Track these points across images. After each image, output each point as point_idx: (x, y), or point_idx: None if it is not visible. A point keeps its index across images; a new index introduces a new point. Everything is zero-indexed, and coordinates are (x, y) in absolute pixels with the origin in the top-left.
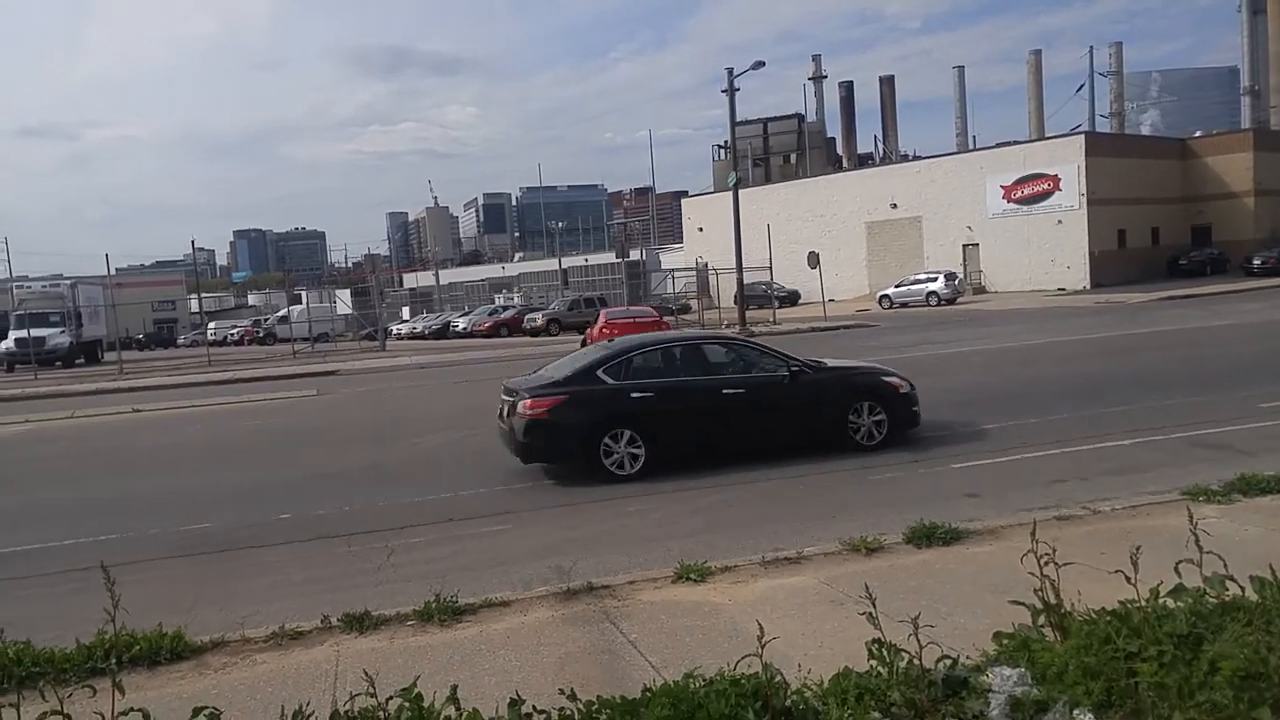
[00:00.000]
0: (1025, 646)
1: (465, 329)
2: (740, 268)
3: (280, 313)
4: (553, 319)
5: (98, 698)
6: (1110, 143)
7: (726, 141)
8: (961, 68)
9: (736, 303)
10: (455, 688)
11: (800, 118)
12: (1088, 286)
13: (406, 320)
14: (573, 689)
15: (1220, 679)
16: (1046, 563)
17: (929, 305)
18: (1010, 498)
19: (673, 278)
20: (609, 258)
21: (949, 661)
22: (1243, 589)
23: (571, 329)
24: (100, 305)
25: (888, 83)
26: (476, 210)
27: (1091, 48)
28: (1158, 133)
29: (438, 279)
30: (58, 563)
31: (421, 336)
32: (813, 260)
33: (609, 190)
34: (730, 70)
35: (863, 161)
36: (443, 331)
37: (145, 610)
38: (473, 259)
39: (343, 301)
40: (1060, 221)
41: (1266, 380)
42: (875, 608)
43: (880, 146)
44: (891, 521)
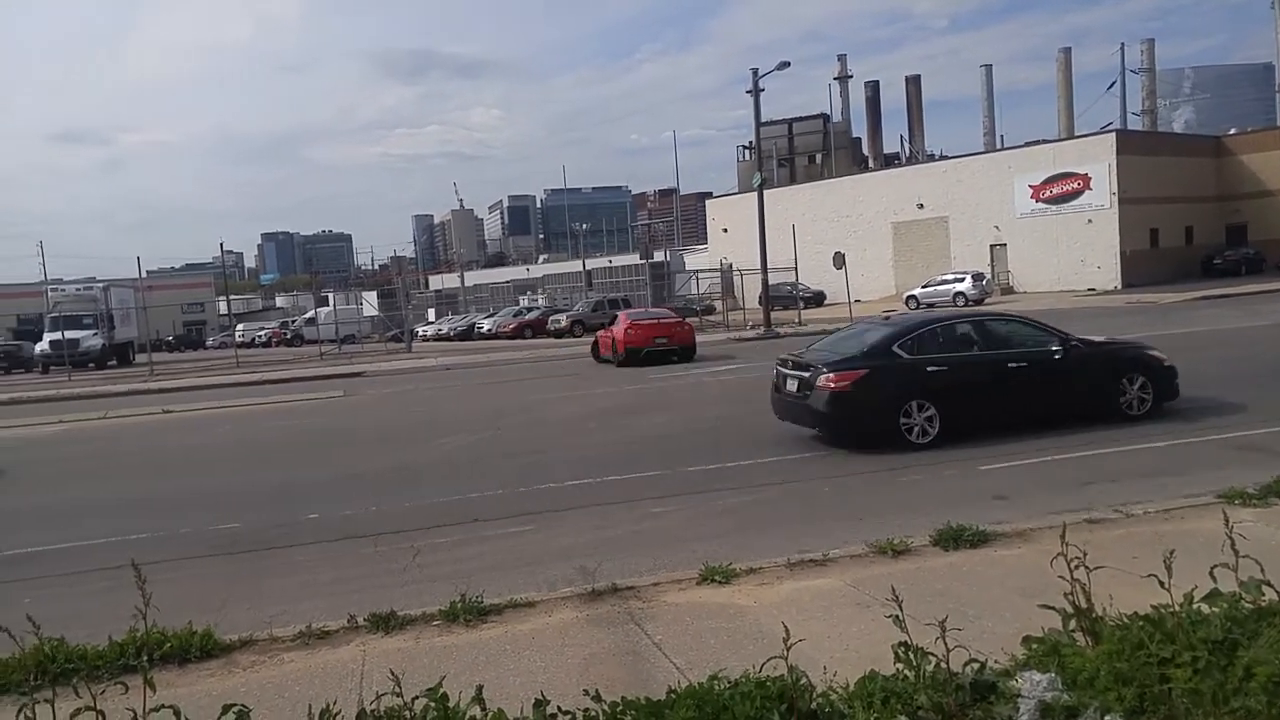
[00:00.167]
0: (1055, 651)
1: (490, 330)
2: (765, 268)
3: (308, 315)
4: (577, 320)
5: (130, 694)
6: (1142, 140)
7: (751, 142)
8: (989, 66)
9: (761, 303)
10: (480, 688)
11: (825, 118)
12: (1119, 286)
13: (432, 322)
14: (597, 690)
15: (1255, 685)
16: (1077, 566)
17: (956, 306)
18: (1039, 500)
19: (697, 279)
20: (633, 259)
21: (977, 665)
22: (1279, 594)
23: (596, 330)
24: (132, 308)
25: (914, 82)
26: (501, 212)
27: (1123, 44)
28: (1191, 130)
29: (463, 281)
30: (90, 561)
31: (447, 338)
32: (838, 261)
33: (633, 191)
34: (755, 71)
35: (889, 161)
36: (468, 333)
37: (175, 608)
38: (497, 261)
39: (369, 303)
40: (1090, 221)
41: None
42: (902, 610)
43: (906, 146)
44: (918, 523)
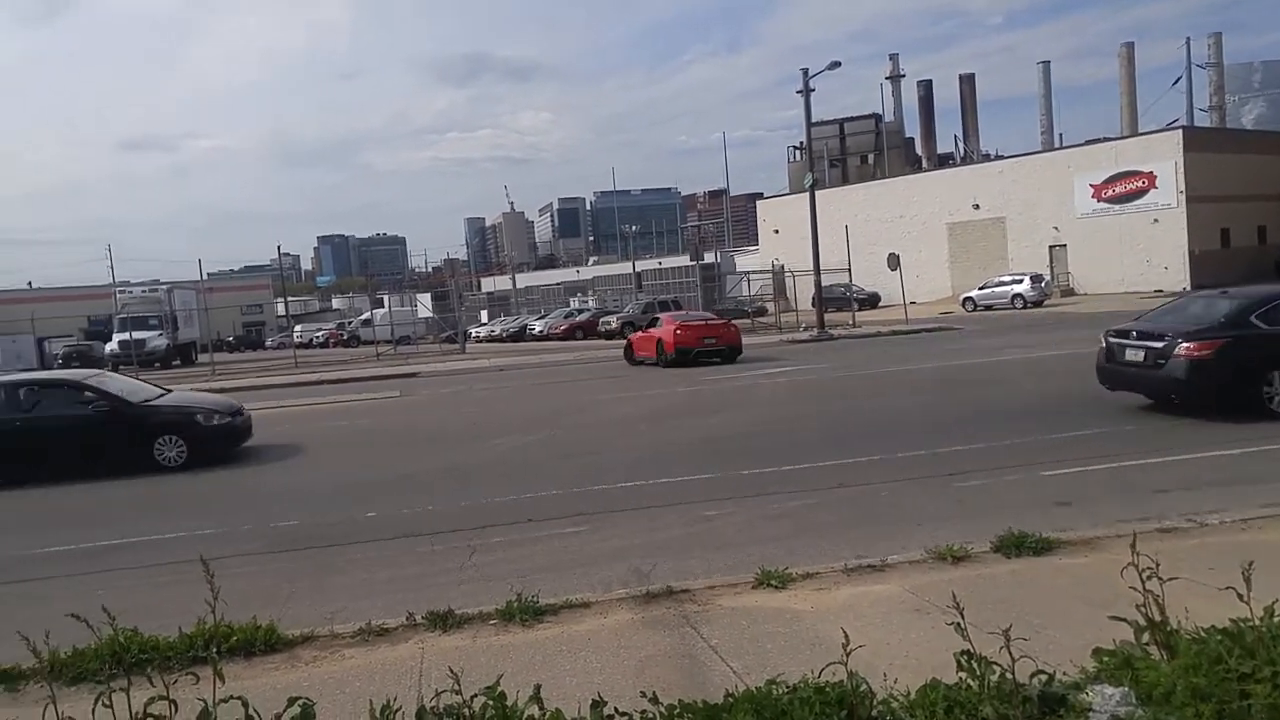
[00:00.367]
0: (1128, 664)
1: (541, 332)
2: (818, 270)
3: (363, 316)
4: (627, 322)
5: (200, 685)
6: (1210, 137)
7: (802, 142)
8: (1047, 63)
9: (815, 305)
10: (538, 687)
11: (878, 118)
12: (1187, 287)
13: (484, 323)
14: (654, 692)
15: None
16: (1149, 577)
17: (1014, 308)
18: (1106, 507)
19: (748, 280)
20: (683, 261)
21: (1044, 677)
22: None
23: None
24: (194, 309)
25: (968, 81)
26: (551, 215)
27: (1188, 39)
28: (1263, 126)
29: (514, 283)
30: (157, 555)
31: (499, 339)
32: (892, 262)
33: (682, 193)
34: (805, 71)
35: (943, 161)
36: (519, 334)
37: (239, 603)
38: (548, 263)
39: (423, 305)
40: (1156, 220)
41: None
42: (963, 618)
43: (961, 146)
44: (977, 529)
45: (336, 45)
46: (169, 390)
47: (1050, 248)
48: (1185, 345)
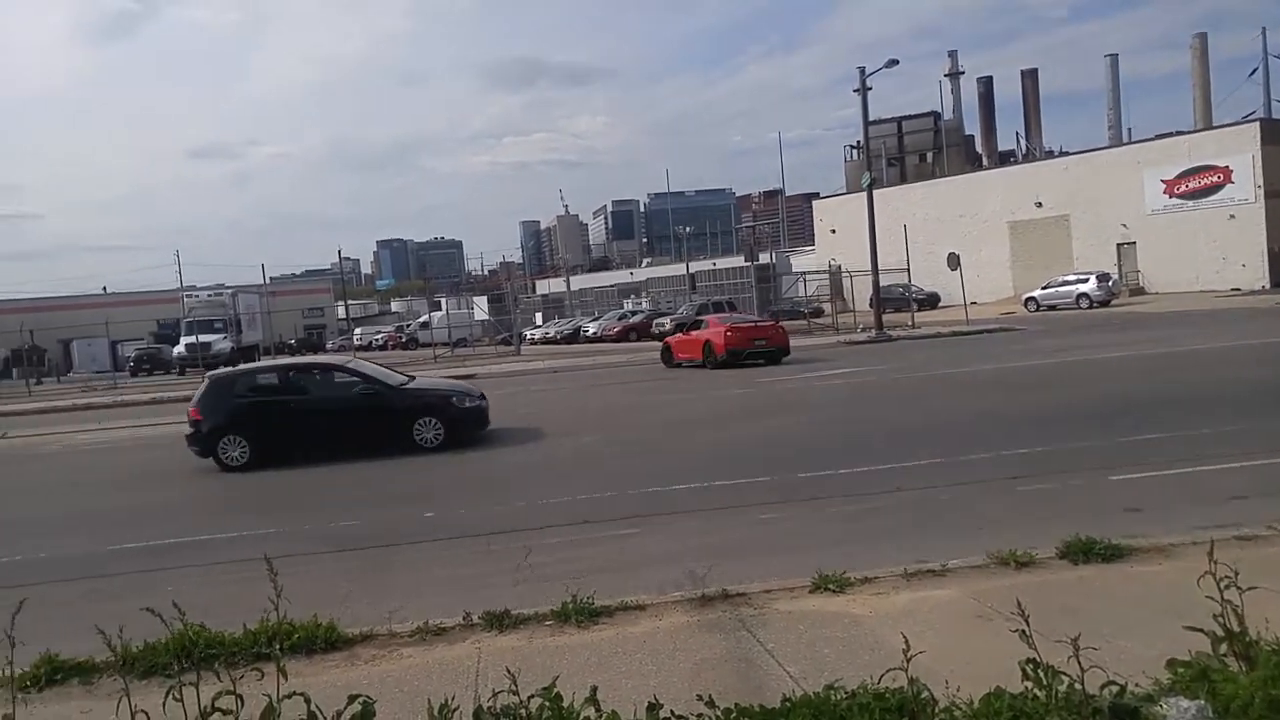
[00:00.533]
0: (1204, 676)
1: (595, 334)
2: (876, 270)
3: (422, 319)
4: (681, 324)
5: (264, 680)
6: None
7: (859, 141)
8: (1114, 56)
9: (873, 306)
10: (595, 689)
11: (936, 116)
12: (1267, 286)
13: (539, 325)
14: (710, 695)
15: None
16: (1227, 586)
17: (1079, 308)
18: (1179, 514)
19: (804, 280)
20: (737, 261)
21: (1115, 688)
22: None
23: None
24: (258, 312)
25: (1030, 76)
26: (605, 217)
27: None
28: None
29: (568, 285)
30: (224, 553)
31: (553, 341)
32: (952, 262)
33: (737, 194)
34: (862, 69)
35: (1004, 159)
36: (573, 336)
37: (301, 601)
38: (602, 265)
39: (480, 308)
40: (1233, 216)
41: None
42: (1028, 625)
43: (1023, 143)
44: (1042, 535)
45: (396, 53)
46: (413, 376)
47: (1118, 246)
48: None
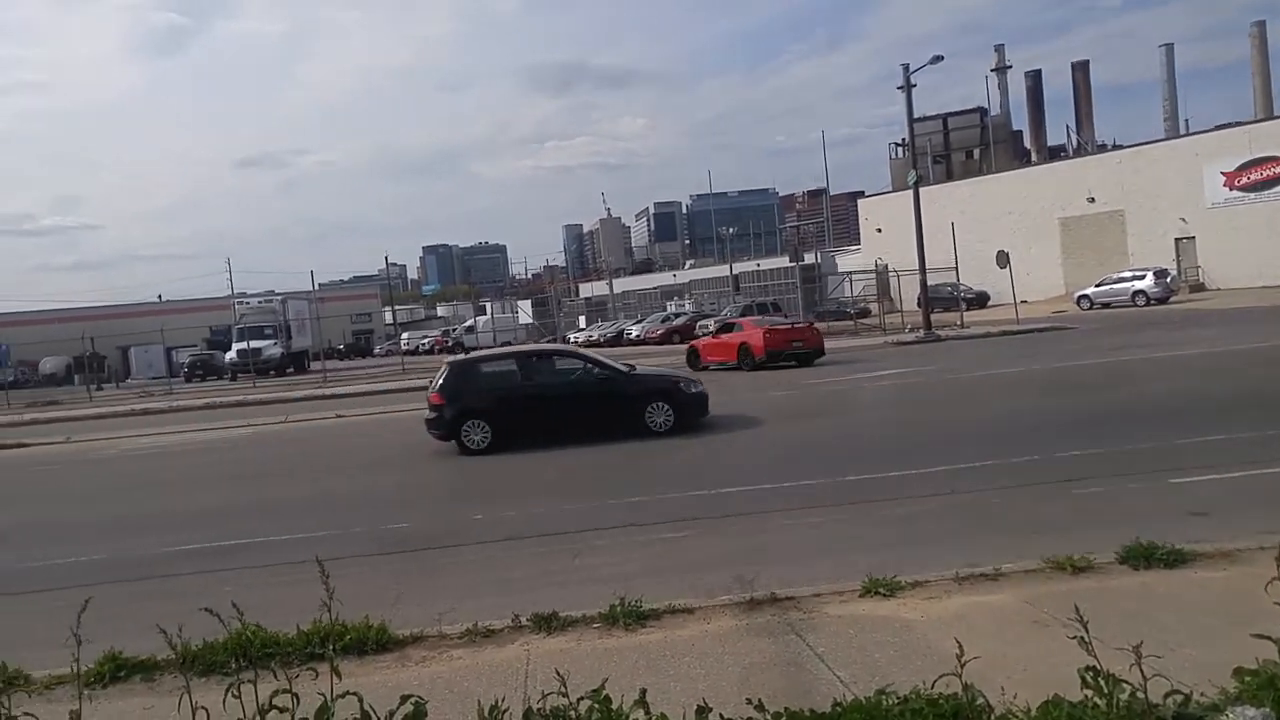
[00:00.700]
0: (1272, 684)
1: (638, 336)
2: (923, 269)
3: (467, 323)
4: (724, 325)
5: (318, 680)
6: None
7: (904, 139)
8: (1169, 45)
9: (920, 305)
10: (644, 691)
11: (983, 111)
12: None
13: (582, 329)
14: (760, 700)
15: None
16: None
17: (1135, 305)
18: (1248, 518)
19: (850, 280)
20: (781, 262)
21: (1179, 697)
22: None
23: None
24: (307, 318)
25: (1081, 68)
26: (648, 219)
27: None
28: None
29: (611, 288)
30: (277, 555)
31: (597, 344)
32: (1001, 260)
33: (780, 193)
34: (906, 66)
35: (1054, 154)
36: (616, 339)
37: (352, 602)
38: (644, 268)
39: (524, 312)
40: None
41: None
42: (1087, 631)
43: (1074, 137)
44: (1101, 539)
45: (439, 59)
46: (633, 365)
47: (1176, 240)
48: None
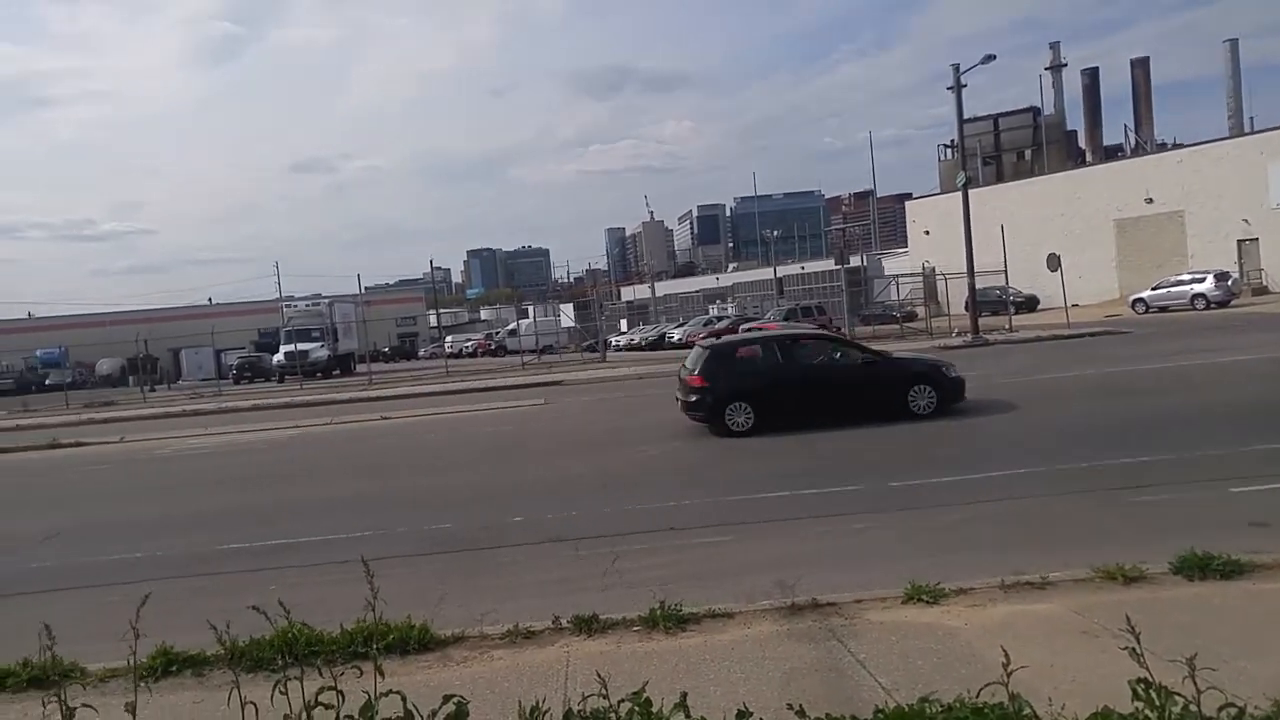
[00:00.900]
0: None
1: (681, 340)
2: (972, 272)
3: (510, 326)
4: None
5: (362, 678)
6: None
7: (953, 140)
8: (1233, 41)
9: (968, 309)
10: (684, 695)
11: (1036, 111)
12: None
13: (624, 332)
14: (801, 705)
15: None
16: None
17: (1194, 309)
18: None
19: (897, 284)
20: (827, 265)
21: (1234, 710)
22: None
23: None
24: (353, 321)
25: (1140, 65)
26: (691, 222)
27: None
28: None
29: (653, 291)
30: (319, 555)
31: (639, 348)
32: (1052, 263)
33: (826, 195)
34: (956, 66)
35: (1110, 154)
36: (659, 342)
37: (394, 602)
38: (687, 271)
39: (566, 315)
40: None
41: None
42: (1139, 643)
43: (1132, 136)
44: (1154, 549)
45: (485, 64)
46: (882, 350)
47: (1238, 242)
48: None
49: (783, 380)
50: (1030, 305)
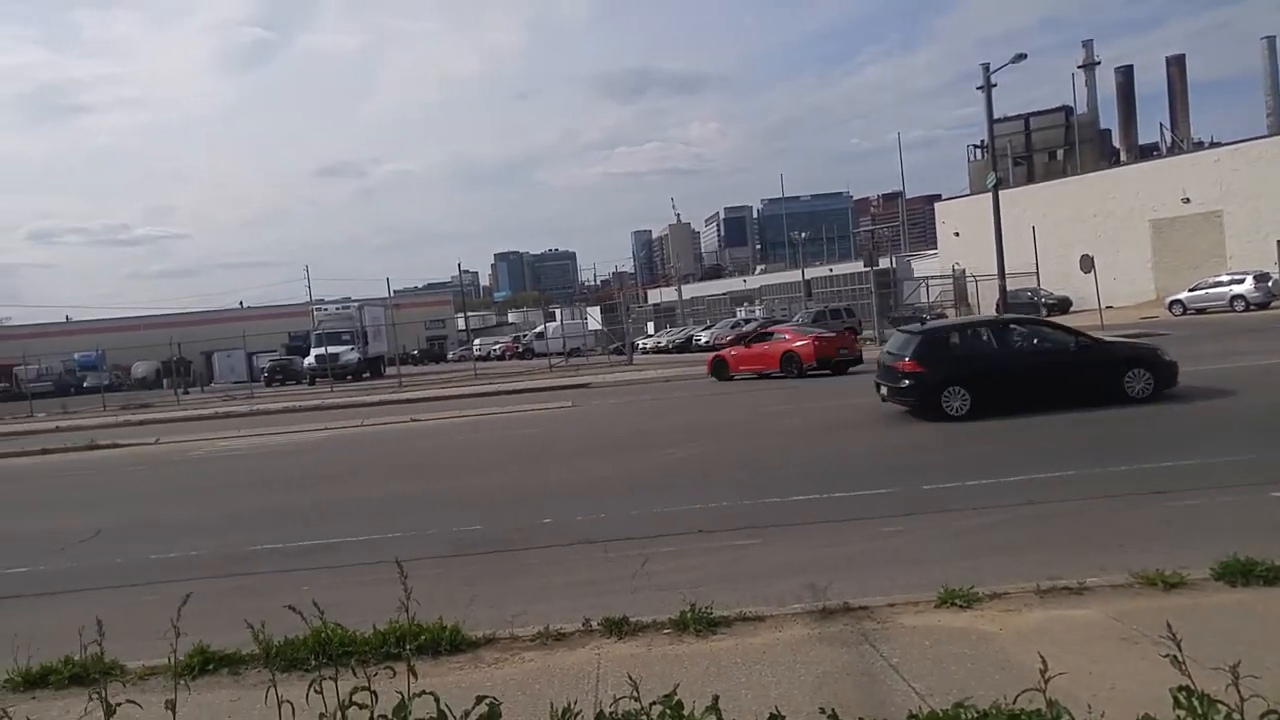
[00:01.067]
0: None
1: (707, 342)
2: (1002, 274)
3: (537, 329)
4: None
5: (395, 679)
6: None
7: (983, 140)
8: (1271, 38)
9: (999, 312)
10: (716, 698)
11: (1068, 110)
12: None
13: (651, 335)
14: (833, 709)
15: None
16: None
17: (1233, 311)
18: None
19: (926, 286)
20: (855, 267)
21: (1277, 717)
22: None
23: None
24: (382, 324)
25: (1176, 63)
26: (718, 224)
27: None
28: None
29: (680, 294)
30: (351, 556)
31: (665, 350)
32: (1085, 264)
33: (855, 197)
34: (986, 66)
35: (1144, 153)
36: (685, 345)
37: (425, 603)
38: (714, 273)
39: (593, 318)
40: None
41: None
42: (1180, 650)
43: (1167, 135)
44: (1194, 554)
45: (512, 69)
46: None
47: (1278, 243)
48: None
49: (998, 365)
50: (1063, 307)
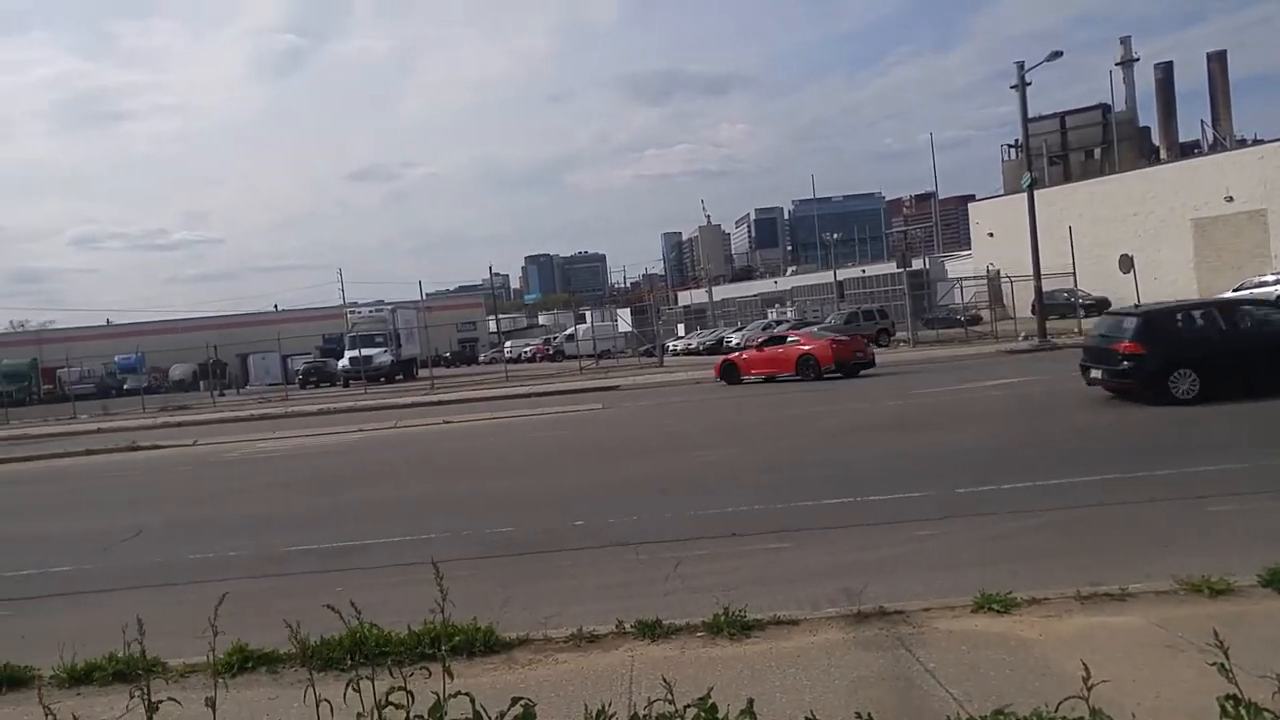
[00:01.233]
0: None
1: (738, 344)
2: (1038, 275)
3: (567, 331)
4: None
5: (430, 679)
6: None
7: (1017, 140)
8: None
9: (1035, 313)
10: (751, 701)
11: (1105, 108)
12: None
13: (681, 337)
14: (869, 715)
15: None
16: None
17: None
18: None
19: (960, 287)
20: (888, 268)
21: None
22: None
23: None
24: (415, 327)
25: (1217, 59)
26: (748, 226)
27: None
28: None
29: (710, 296)
30: (385, 557)
31: (696, 352)
32: (1124, 264)
33: (887, 198)
34: (1021, 64)
35: (1185, 151)
36: (716, 347)
37: (459, 604)
38: (745, 275)
39: (623, 320)
40: None
41: None
42: (1227, 658)
43: (1209, 132)
44: (1239, 560)
45: (541, 72)
46: None
47: None
48: None
49: (1226, 347)
50: (1100, 308)
